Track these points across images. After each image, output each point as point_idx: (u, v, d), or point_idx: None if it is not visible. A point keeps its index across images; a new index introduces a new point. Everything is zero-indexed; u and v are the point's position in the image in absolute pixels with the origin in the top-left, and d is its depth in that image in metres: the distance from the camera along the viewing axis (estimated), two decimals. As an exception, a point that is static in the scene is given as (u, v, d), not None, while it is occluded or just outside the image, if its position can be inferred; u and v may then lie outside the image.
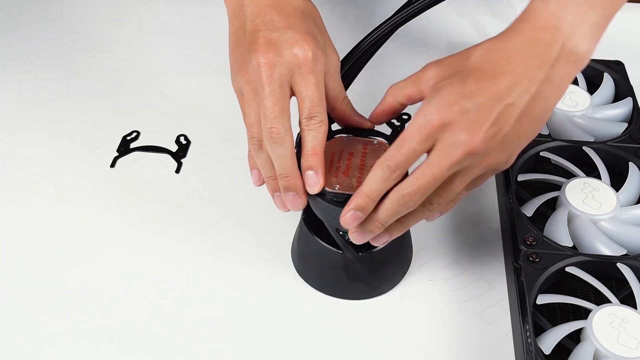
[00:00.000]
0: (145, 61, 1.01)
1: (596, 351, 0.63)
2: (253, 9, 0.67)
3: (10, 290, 0.74)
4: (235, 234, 0.79)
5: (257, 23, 0.66)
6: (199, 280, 0.75)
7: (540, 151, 0.80)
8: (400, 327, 0.72)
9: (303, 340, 0.70)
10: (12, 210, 0.81)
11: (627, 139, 0.81)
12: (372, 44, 0.78)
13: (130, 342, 0.70)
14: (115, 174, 0.86)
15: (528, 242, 0.70)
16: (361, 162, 0.69)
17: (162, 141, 0.89)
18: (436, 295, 0.74)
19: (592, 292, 0.69)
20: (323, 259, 0.72)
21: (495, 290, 0.75)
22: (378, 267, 0.73)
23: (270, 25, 0.66)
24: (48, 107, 0.94)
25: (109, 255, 0.77)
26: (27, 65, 1.00)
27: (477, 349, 0.70)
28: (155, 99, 0.95)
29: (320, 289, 0.74)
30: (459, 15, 1.09)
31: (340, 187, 0.67)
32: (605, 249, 0.71)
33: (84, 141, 0.89)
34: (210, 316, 0.72)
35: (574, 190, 0.75)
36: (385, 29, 0.78)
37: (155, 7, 1.10)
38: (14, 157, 0.87)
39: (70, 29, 1.06)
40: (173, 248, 0.78)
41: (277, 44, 0.65)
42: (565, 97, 0.85)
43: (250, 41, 0.65)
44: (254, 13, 0.67)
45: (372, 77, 0.98)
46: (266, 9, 0.67)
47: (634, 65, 0.93)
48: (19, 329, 0.70)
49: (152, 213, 0.81)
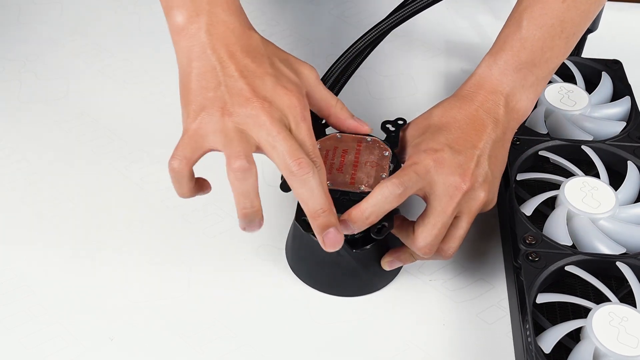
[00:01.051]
0: (145, 61, 1.01)
1: (596, 350, 0.63)
2: (219, 52, 0.64)
3: (10, 290, 0.74)
4: (235, 234, 0.79)
5: (230, 69, 0.64)
6: (199, 280, 0.75)
7: (539, 150, 0.80)
8: (400, 327, 0.72)
9: (303, 340, 0.70)
10: (12, 210, 0.81)
11: (626, 137, 0.81)
12: (366, 46, 0.79)
13: (130, 342, 0.70)
14: (115, 174, 0.86)
15: (527, 241, 0.70)
16: (355, 159, 0.70)
17: (163, 141, 0.89)
18: (436, 295, 0.74)
19: (592, 291, 0.69)
20: (317, 256, 0.73)
21: (495, 290, 0.75)
22: (372, 264, 0.73)
23: (247, 71, 0.64)
24: (48, 107, 0.94)
25: (109, 255, 0.77)
26: (27, 65, 1.00)
27: (477, 349, 0.70)
28: (155, 99, 0.95)
29: (314, 285, 0.74)
30: (459, 15, 1.09)
31: (334, 184, 0.68)
32: (604, 247, 0.71)
33: (84, 141, 0.90)
34: (210, 316, 0.72)
35: (573, 189, 0.75)
36: (377, 32, 0.79)
37: (155, 7, 1.09)
38: (14, 157, 0.87)
39: (70, 29, 1.06)
40: (173, 248, 0.78)
41: (264, 93, 0.64)
42: (564, 96, 0.85)
43: (232, 88, 0.63)
44: (222, 57, 0.64)
45: (372, 77, 0.98)
46: (235, 53, 0.64)
47: (632, 64, 0.93)
48: (19, 329, 0.71)
49: (152, 213, 0.81)
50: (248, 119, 0.63)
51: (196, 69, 0.64)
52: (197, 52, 0.64)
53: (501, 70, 0.72)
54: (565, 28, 0.72)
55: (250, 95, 0.63)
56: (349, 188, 0.68)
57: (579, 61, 0.91)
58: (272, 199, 0.80)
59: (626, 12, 1.09)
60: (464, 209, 0.69)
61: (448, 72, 1.01)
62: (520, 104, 0.73)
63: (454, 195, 0.67)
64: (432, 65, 1.02)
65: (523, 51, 0.72)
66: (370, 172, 0.70)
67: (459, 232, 0.70)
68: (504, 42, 0.73)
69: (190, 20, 0.65)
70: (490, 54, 0.74)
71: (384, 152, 0.71)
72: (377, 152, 0.71)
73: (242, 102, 0.63)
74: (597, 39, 0.96)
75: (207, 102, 0.63)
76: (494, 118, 0.71)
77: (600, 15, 0.92)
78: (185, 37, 0.65)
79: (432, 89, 0.98)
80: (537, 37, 0.72)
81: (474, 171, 0.68)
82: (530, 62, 0.72)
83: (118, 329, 0.71)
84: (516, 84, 0.72)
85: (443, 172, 0.67)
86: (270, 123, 0.62)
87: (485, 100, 0.72)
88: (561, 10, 0.72)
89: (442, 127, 0.71)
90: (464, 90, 0.74)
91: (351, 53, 0.79)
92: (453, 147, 0.69)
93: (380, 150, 0.71)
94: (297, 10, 1.10)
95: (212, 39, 0.64)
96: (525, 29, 0.72)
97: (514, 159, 0.79)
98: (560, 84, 0.87)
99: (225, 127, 0.63)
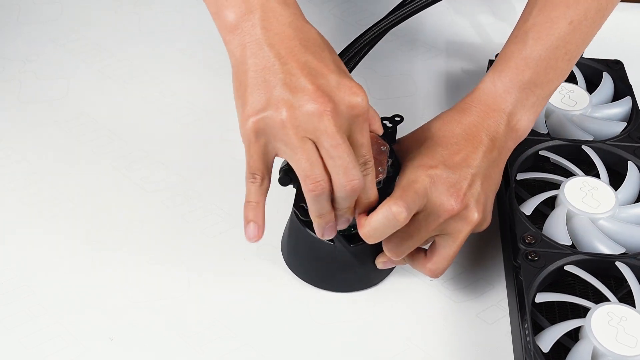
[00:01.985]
0: (145, 61, 1.01)
1: (595, 349, 0.63)
2: (278, 48, 0.61)
3: (10, 290, 0.74)
4: (235, 233, 0.79)
5: (291, 66, 0.60)
6: (199, 280, 0.75)
7: (539, 150, 0.80)
8: (400, 327, 0.72)
9: (303, 340, 0.71)
10: (12, 210, 0.82)
11: (626, 138, 0.81)
12: (364, 45, 0.79)
13: (130, 342, 0.70)
14: (115, 174, 0.86)
15: (527, 241, 0.70)
16: None
17: (163, 141, 0.89)
18: (436, 295, 0.74)
19: (591, 291, 0.69)
20: (314, 251, 0.73)
21: (495, 290, 0.75)
22: (369, 259, 0.73)
23: (309, 68, 0.60)
24: (48, 107, 0.94)
25: (109, 255, 0.77)
26: (27, 65, 1.00)
27: (477, 349, 0.70)
28: (155, 99, 0.95)
29: (310, 281, 0.75)
30: (459, 15, 1.09)
31: None
32: (604, 247, 0.71)
33: (84, 141, 0.90)
34: (210, 316, 0.72)
35: (573, 189, 0.75)
36: (376, 31, 0.79)
37: (155, 7, 1.10)
38: (14, 157, 0.87)
39: (70, 29, 1.06)
40: (173, 248, 0.78)
41: (329, 92, 0.60)
42: (565, 96, 0.86)
43: (294, 86, 0.60)
44: (281, 53, 0.60)
45: (372, 77, 0.98)
46: (294, 48, 0.61)
47: (633, 64, 0.93)
48: (19, 329, 0.71)
49: (152, 213, 0.81)
50: (311, 119, 0.60)
51: (253, 66, 0.61)
52: (253, 49, 0.61)
53: (506, 87, 0.72)
54: (569, 50, 0.72)
55: (314, 95, 0.60)
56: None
57: (580, 61, 0.91)
58: (273, 198, 0.80)
59: (627, 12, 1.09)
60: (452, 229, 0.69)
61: (448, 72, 1.01)
62: (520, 123, 0.72)
63: (442, 215, 0.67)
64: (432, 65, 1.02)
65: (527, 70, 0.71)
66: None
67: (447, 251, 0.70)
68: (509, 59, 0.72)
69: (243, 17, 0.61)
70: (495, 70, 0.73)
71: (381, 147, 0.71)
72: (375, 147, 0.71)
73: (305, 101, 0.60)
74: (598, 39, 0.96)
75: (267, 102, 0.60)
76: (492, 136, 0.71)
77: (601, 15, 0.92)
78: (238, 35, 0.61)
79: (432, 89, 0.98)
80: (542, 57, 0.71)
81: (466, 191, 0.68)
82: (533, 82, 0.72)
83: (118, 329, 0.71)
84: (518, 103, 0.72)
85: (437, 190, 0.67)
86: (333, 131, 0.60)
87: (487, 116, 0.71)
88: (567, 32, 0.71)
89: (438, 141, 0.70)
90: (464, 103, 0.73)
91: (350, 52, 0.79)
92: (447, 164, 0.68)
93: (378, 145, 0.71)
94: (297, 10, 1.10)
95: (269, 35, 0.61)
96: (531, 47, 0.72)
97: (514, 159, 0.79)
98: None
99: (286, 133, 0.60)
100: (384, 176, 0.69)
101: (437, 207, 0.67)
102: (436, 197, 0.67)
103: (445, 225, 0.68)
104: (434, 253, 0.70)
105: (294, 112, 0.60)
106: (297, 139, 0.60)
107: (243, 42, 0.61)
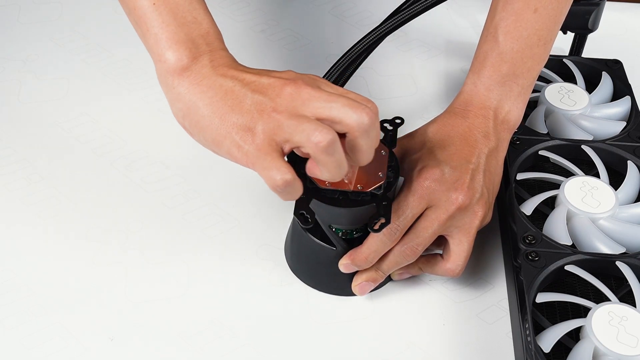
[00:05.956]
0: (145, 61, 1.01)
1: (595, 349, 0.63)
2: (231, 74, 0.63)
3: (10, 290, 0.74)
4: (235, 233, 0.79)
5: (248, 80, 0.63)
6: (199, 280, 0.75)
7: (539, 150, 0.80)
8: (400, 327, 0.72)
9: (303, 341, 0.71)
10: (12, 210, 0.81)
11: (626, 137, 0.81)
12: (365, 49, 0.80)
13: (130, 342, 0.70)
14: (115, 174, 0.86)
15: (527, 241, 0.70)
16: None
17: (163, 141, 0.89)
18: (436, 295, 0.74)
19: (591, 291, 0.69)
20: (316, 256, 0.73)
21: (495, 290, 0.75)
22: None
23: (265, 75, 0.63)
24: (48, 107, 0.94)
25: (109, 255, 0.77)
26: (27, 65, 1.00)
27: (477, 349, 0.70)
28: (155, 99, 0.95)
29: (313, 285, 0.74)
30: (459, 15, 1.09)
31: (332, 184, 0.68)
32: (604, 247, 0.71)
33: (84, 141, 0.90)
34: (210, 316, 0.72)
35: (573, 189, 0.75)
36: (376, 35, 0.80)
37: (155, 7, 1.10)
38: (14, 157, 0.87)
39: (70, 29, 1.06)
40: (173, 248, 0.78)
41: (293, 76, 0.62)
42: (564, 96, 0.85)
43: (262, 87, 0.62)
44: (235, 76, 0.63)
45: (372, 77, 0.98)
46: (245, 71, 0.64)
47: (633, 64, 0.93)
48: (19, 329, 0.71)
49: (152, 213, 0.81)
50: (294, 97, 0.60)
51: (215, 96, 0.62)
52: (207, 84, 0.62)
53: (486, 86, 0.74)
54: (541, 36, 0.74)
55: (283, 81, 0.61)
56: (347, 187, 0.68)
57: (579, 61, 0.91)
58: (272, 199, 0.80)
59: (626, 12, 1.09)
60: (462, 224, 0.71)
61: (448, 72, 1.01)
62: (510, 114, 0.74)
63: (450, 208, 0.69)
64: (432, 65, 1.02)
65: (504, 65, 0.74)
66: (369, 171, 0.70)
67: (462, 248, 0.71)
68: (484, 58, 0.75)
69: (193, 60, 0.63)
70: (473, 72, 0.76)
71: (381, 151, 0.71)
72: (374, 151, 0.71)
73: (279, 90, 0.61)
74: (598, 38, 0.97)
75: (250, 115, 0.61)
76: (484, 132, 0.73)
77: (601, 15, 0.92)
78: (188, 77, 0.63)
79: (432, 89, 0.98)
80: (515, 50, 0.73)
81: (469, 185, 0.70)
82: (512, 74, 0.74)
83: (118, 329, 0.71)
84: (502, 96, 0.74)
85: (441, 190, 0.69)
86: (315, 90, 0.61)
87: (475, 116, 0.74)
88: (534, 20, 0.73)
89: (437, 144, 0.73)
90: (454, 107, 0.75)
91: (350, 56, 0.79)
92: (449, 164, 0.71)
93: (378, 149, 0.71)
94: (297, 10, 1.10)
95: (218, 70, 0.63)
96: (503, 43, 0.74)
97: (514, 159, 0.79)
98: (560, 83, 0.87)
99: (280, 121, 0.60)
100: (384, 180, 0.69)
101: (445, 201, 0.69)
102: (441, 195, 0.69)
103: (454, 221, 0.70)
104: (450, 253, 0.72)
105: (275, 102, 0.60)
106: (292, 117, 0.60)
107: (195, 81, 0.62)
